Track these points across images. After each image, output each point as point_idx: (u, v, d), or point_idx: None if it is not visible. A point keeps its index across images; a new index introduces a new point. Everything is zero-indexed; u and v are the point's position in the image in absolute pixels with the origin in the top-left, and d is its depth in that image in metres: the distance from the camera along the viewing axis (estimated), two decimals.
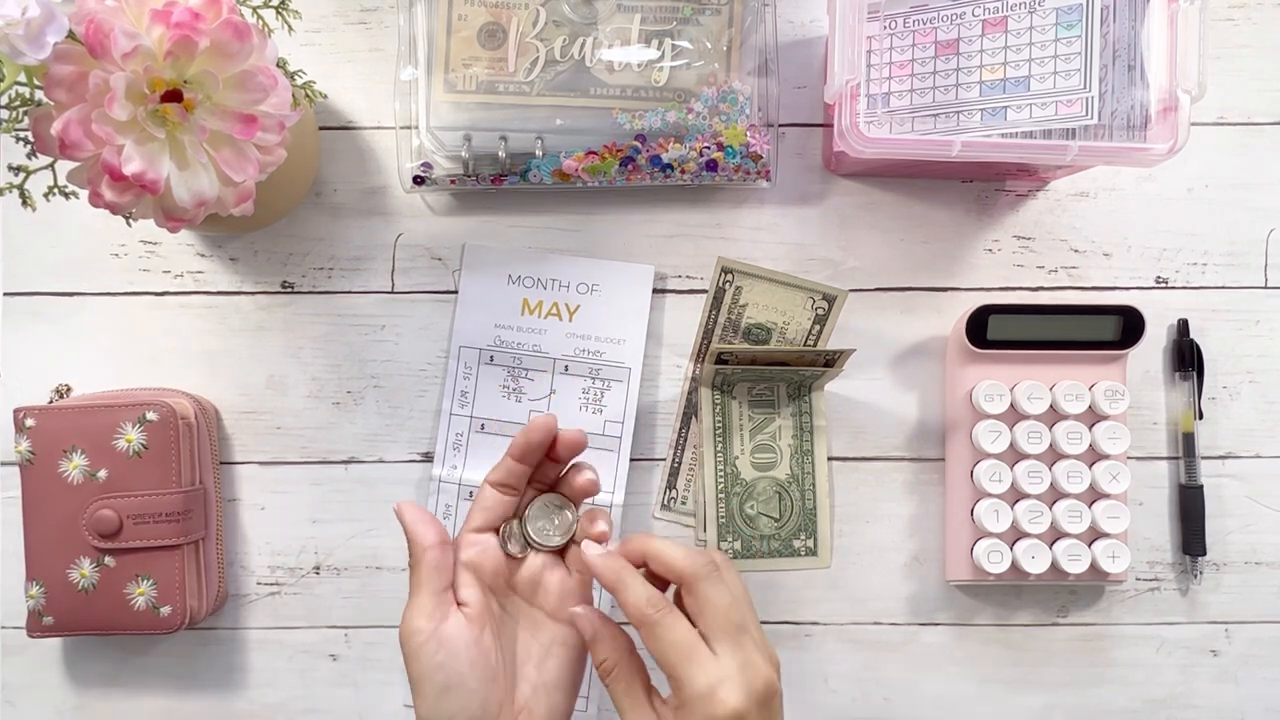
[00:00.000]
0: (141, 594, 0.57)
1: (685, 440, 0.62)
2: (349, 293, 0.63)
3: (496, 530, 0.49)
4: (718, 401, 0.60)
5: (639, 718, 0.43)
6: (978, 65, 0.55)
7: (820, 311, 0.61)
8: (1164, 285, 0.63)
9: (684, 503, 0.62)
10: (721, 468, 0.60)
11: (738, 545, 0.60)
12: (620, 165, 0.58)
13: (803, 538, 0.61)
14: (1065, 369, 0.60)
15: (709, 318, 0.62)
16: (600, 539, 0.47)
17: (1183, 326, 0.62)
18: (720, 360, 0.57)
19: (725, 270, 0.61)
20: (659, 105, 0.58)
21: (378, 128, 0.62)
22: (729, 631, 0.42)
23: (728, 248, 0.62)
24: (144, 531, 0.57)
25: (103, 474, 0.57)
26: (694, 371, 0.62)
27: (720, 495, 0.60)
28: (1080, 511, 0.59)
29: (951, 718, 0.63)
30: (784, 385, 0.60)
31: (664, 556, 0.45)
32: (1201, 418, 0.62)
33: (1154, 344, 0.63)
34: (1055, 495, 0.60)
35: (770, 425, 0.61)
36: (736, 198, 0.62)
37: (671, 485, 0.62)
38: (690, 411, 0.62)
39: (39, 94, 0.42)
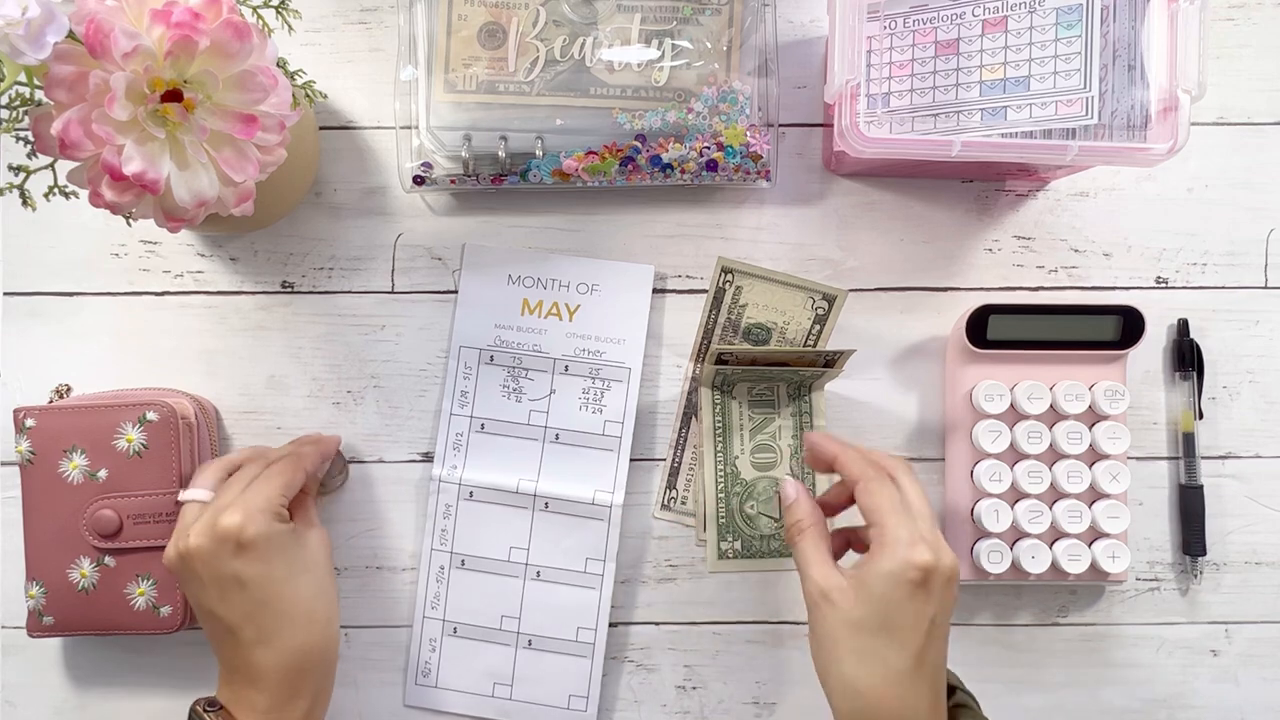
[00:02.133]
0: (141, 594, 0.57)
1: (685, 440, 0.62)
2: (349, 293, 0.63)
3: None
4: (718, 401, 0.60)
5: (822, 569, 0.48)
6: (978, 65, 0.55)
7: (820, 311, 0.61)
8: (1164, 285, 0.63)
9: (684, 502, 0.62)
10: (721, 468, 0.60)
11: (738, 545, 0.60)
12: (620, 165, 0.58)
13: None
14: (1065, 369, 0.60)
15: (709, 318, 0.62)
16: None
17: (1183, 326, 0.62)
18: (720, 361, 0.57)
19: (725, 270, 0.61)
20: (659, 105, 0.58)
21: (378, 128, 0.63)
22: (909, 516, 0.47)
23: (728, 248, 0.62)
24: (144, 531, 0.57)
25: (103, 474, 0.57)
26: (694, 371, 0.62)
27: (720, 495, 0.60)
28: (1080, 511, 0.59)
29: None
30: (784, 385, 0.60)
31: (840, 460, 0.51)
32: (1201, 418, 0.62)
33: (1154, 344, 0.63)
34: (1055, 495, 0.60)
35: (770, 425, 0.61)
36: (736, 198, 0.63)
37: (671, 485, 0.62)
38: (690, 411, 0.62)
39: (39, 94, 0.42)
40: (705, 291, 0.62)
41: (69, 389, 0.62)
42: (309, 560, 0.52)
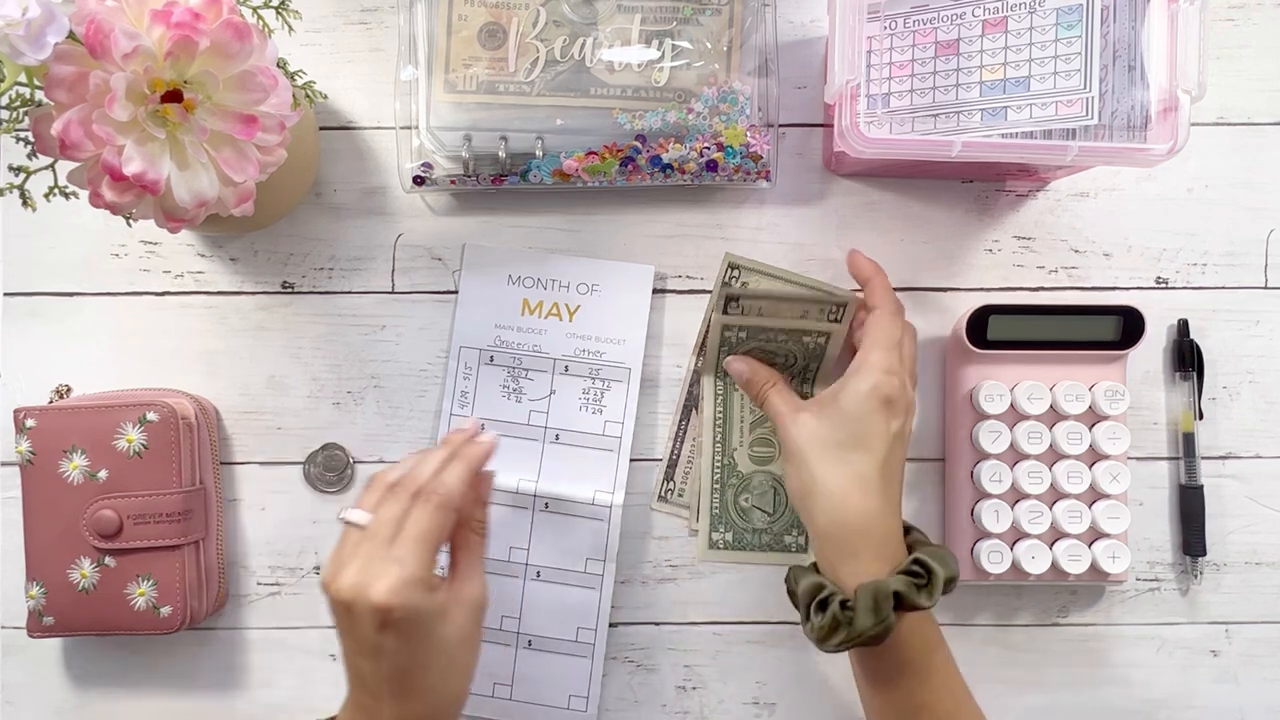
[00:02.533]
0: (142, 594, 0.57)
1: (684, 433, 0.62)
2: (349, 293, 0.63)
3: None
4: (720, 392, 0.60)
5: (790, 402, 0.54)
6: (978, 65, 0.55)
7: (833, 317, 0.58)
8: (1164, 285, 0.63)
9: (680, 495, 0.62)
10: (719, 459, 0.60)
11: (729, 536, 0.60)
12: (620, 165, 0.58)
13: (794, 534, 0.61)
14: (1065, 369, 0.60)
15: (714, 311, 0.61)
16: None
17: (1183, 326, 0.62)
18: (727, 307, 0.56)
19: (732, 266, 0.61)
20: (659, 105, 0.58)
21: (378, 128, 0.62)
22: (897, 357, 0.53)
23: (728, 248, 0.62)
24: (144, 532, 0.57)
25: (103, 474, 0.57)
26: (696, 363, 0.62)
27: (716, 486, 0.60)
28: (1080, 512, 0.59)
29: None
30: (788, 377, 0.60)
31: (874, 283, 0.55)
32: (1201, 418, 0.62)
33: (1154, 344, 0.63)
34: (1055, 495, 0.60)
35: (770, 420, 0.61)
36: (736, 198, 0.63)
37: (669, 478, 0.62)
38: (690, 404, 0.62)
39: (39, 94, 0.42)
40: (706, 291, 0.62)
41: (69, 389, 0.62)
42: (449, 641, 0.47)
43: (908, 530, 0.53)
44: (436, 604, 0.47)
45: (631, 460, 0.62)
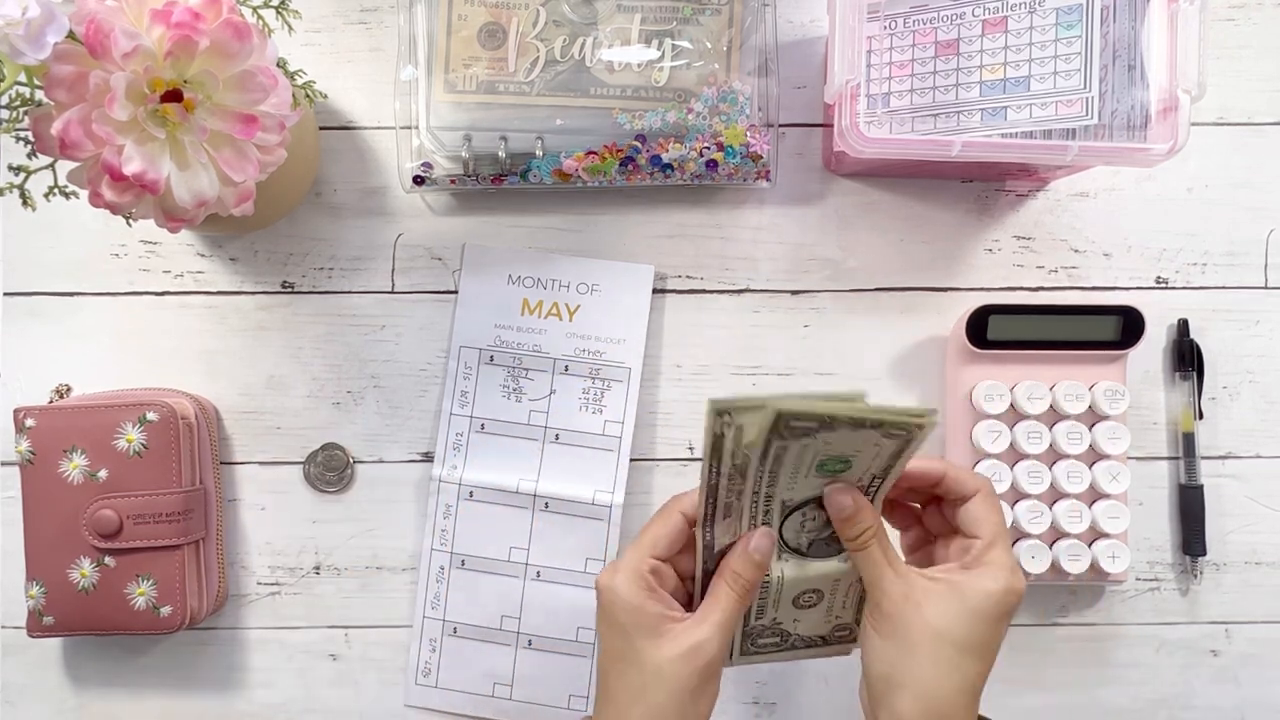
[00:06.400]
0: (141, 594, 0.57)
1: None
2: (349, 293, 0.63)
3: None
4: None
5: (902, 570, 0.45)
6: (978, 65, 0.55)
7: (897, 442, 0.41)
8: (1164, 285, 0.63)
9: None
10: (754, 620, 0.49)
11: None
12: (620, 165, 0.58)
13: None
14: (1065, 369, 0.60)
15: (711, 472, 0.42)
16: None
17: (1183, 326, 0.62)
18: (784, 429, 0.39)
19: (719, 413, 0.39)
20: (659, 105, 0.58)
21: (378, 128, 0.63)
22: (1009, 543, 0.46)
23: (727, 247, 0.62)
24: (144, 531, 0.57)
25: (103, 474, 0.57)
26: (706, 536, 0.45)
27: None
28: (1080, 511, 0.59)
29: None
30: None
31: (952, 474, 0.46)
32: (1201, 418, 0.62)
33: (1154, 344, 0.63)
34: (1055, 495, 0.60)
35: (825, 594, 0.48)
36: (736, 198, 0.63)
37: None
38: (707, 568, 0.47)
39: (39, 94, 0.42)
40: (706, 291, 0.62)
41: (69, 389, 0.62)
42: (645, 660, 0.44)
43: None
44: (643, 607, 0.44)
45: (631, 460, 0.62)
